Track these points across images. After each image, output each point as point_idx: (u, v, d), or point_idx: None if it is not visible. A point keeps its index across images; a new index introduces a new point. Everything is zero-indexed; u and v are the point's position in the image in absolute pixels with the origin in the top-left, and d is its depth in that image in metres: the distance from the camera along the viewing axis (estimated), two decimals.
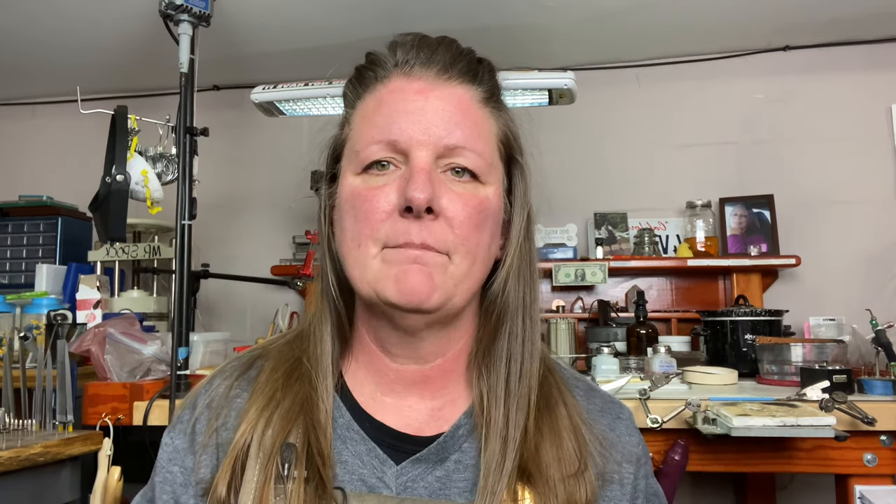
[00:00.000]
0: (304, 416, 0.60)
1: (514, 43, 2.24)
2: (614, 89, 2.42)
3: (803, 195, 2.26)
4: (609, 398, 0.70)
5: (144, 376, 1.55)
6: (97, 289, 1.90)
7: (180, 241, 1.50)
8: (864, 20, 2.14)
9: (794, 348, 1.55)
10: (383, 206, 0.58)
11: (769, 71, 2.34)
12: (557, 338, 1.91)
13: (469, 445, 0.62)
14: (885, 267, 2.18)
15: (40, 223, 2.28)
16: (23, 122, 2.83)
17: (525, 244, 0.65)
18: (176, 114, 1.57)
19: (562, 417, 0.63)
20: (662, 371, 1.55)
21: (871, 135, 2.25)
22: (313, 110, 1.98)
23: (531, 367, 0.63)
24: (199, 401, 0.66)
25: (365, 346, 0.65)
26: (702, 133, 2.35)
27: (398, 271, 0.57)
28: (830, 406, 1.20)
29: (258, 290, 2.50)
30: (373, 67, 0.64)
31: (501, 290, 0.63)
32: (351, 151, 0.62)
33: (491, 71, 0.65)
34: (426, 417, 0.64)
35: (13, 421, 1.39)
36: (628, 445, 0.66)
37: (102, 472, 1.35)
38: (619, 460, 0.64)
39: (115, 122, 1.56)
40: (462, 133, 0.59)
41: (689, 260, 2.13)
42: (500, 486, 0.57)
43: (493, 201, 0.61)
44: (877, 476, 1.26)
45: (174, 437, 0.65)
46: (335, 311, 0.65)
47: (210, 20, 1.63)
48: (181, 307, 1.47)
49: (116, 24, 2.11)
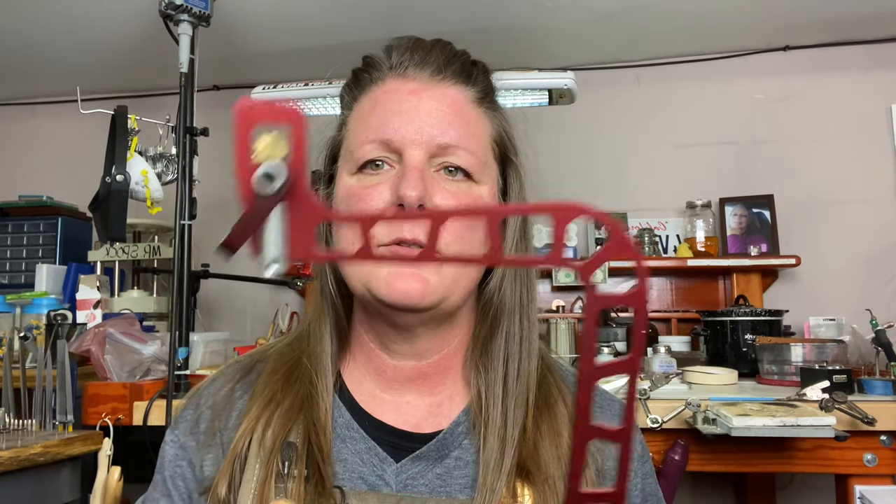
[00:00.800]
0: (305, 415, 0.61)
1: (514, 43, 2.24)
2: (614, 89, 2.42)
3: (803, 195, 2.26)
4: (608, 396, 0.70)
5: (144, 376, 1.55)
6: (97, 289, 1.90)
7: (180, 241, 1.50)
8: (864, 20, 2.14)
9: (794, 348, 1.55)
10: (377, 203, 0.58)
11: (769, 71, 2.34)
12: (557, 338, 1.91)
13: (469, 442, 0.62)
14: (885, 267, 2.18)
15: (40, 223, 2.28)
16: (23, 122, 2.83)
17: (521, 244, 0.65)
18: (176, 114, 1.57)
19: (561, 416, 0.63)
20: (662, 371, 1.55)
21: (871, 135, 2.25)
22: (313, 110, 1.98)
23: (529, 366, 0.63)
24: (202, 400, 0.67)
25: (363, 344, 0.65)
26: (702, 133, 2.35)
27: (390, 272, 0.57)
28: (830, 406, 1.20)
29: (258, 290, 2.50)
30: (368, 70, 0.65)
31: (497, 289, 0.64)
32: (346, 152, 0.63)
33: (485, 72, 0.66)
34: (424, 413, 0.64)
35: (13, 421, 1.39)
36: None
37: (102, 472, 1.35)
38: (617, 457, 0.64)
39: (115, 122, 1.56)
40: (455, 132, 0.60)
41: (689, 260, 2.13)
42: (499, 483, 0.57)
43: (487, 200, 0.61)
44: (877, 476, 1.26)
45: (179, 435, 0.65)
46: (334, 309, 0.65)
47: (210, 20, 1.63)
48: (181, 307, 1.47)
49: (116, 24, 2.11)
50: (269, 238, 0.31)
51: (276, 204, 0.31)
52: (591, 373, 0.34)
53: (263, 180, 0.30)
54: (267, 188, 0.30)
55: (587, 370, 0.34)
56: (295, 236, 0.31)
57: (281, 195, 0.31)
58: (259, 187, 0.30)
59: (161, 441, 0.67)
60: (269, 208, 0.31)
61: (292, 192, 0.31)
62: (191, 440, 0.64)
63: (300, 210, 0.31)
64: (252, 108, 0.30)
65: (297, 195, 0.31)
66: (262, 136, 0.30)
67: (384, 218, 0.46)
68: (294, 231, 0.31)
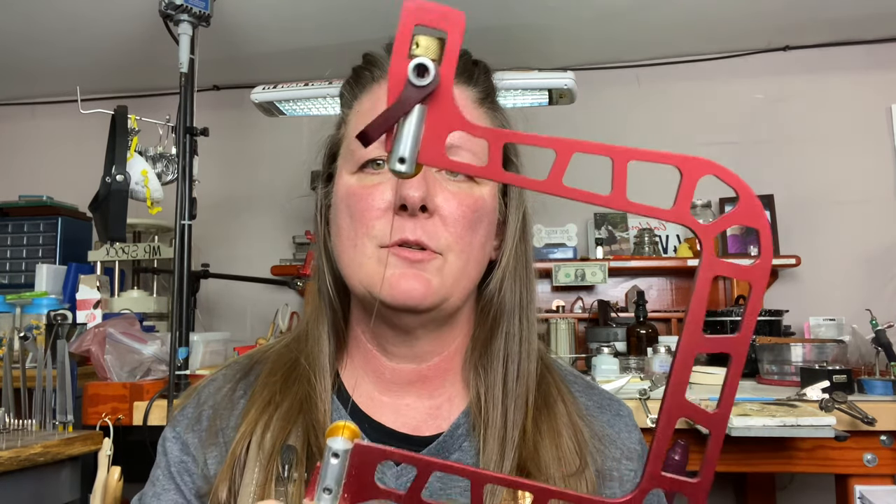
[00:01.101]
0: (304, 417, 0.60)
1: (515, 43, 2.24)
2: (614, 89, 2.42)
3: (803, 195, 2.26)
4: (608, 395, 0.70)
5: (144, 376, 1.55)
6: (97, 289, 1.90)
7: (180, 241, 1.50)
8: (864, 20, 2.14)
9: (794, 348, 1.55)
10: (378, 203, 0.58)
11: (769, 71, 2.34)
12: (557, 338, 1.91)
13: (469, 445, 0.62)
14: (885, 267, 2.18)
15: (40, 223, 2.28)
16: (23, 122, 2.83)
17: (521, 245, 0.65)
18: (176, 114, 1.57)
19: (560, 416, 0.63)
20: (662, 371, 1.55)
21: (871, 135, 2.25)
22: (313, 110, 1.98)
23: (528, 367, 0.63)
24: (201, 398, 0.66)
25: (361, 345, 0.65)
26: (702, 133, 2.35)
27: (393, 273, 0.57)
28: (830, 406, 1.20)
29: (258, 290, 2.50)
30: (369, 67, 0.64)
31: (497, 290, 0.64)
32: (346, 151, 0.63)
33: (486, 72, 0.66)
34: (424, 416, 0.64)
35: (13, 421, 1.39)
36: (628, 442, 0.66)
37: (102, 472, 1.35)
38: (617, 457, 0.64)
39: (115, 122, 1.56)
40: (456, 133, 0.59)
41: (689, 260, 2.13)
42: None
43: (488, 201, 0.61)
44: (877, 476, 1.25)
45: (181, 432, 0.65)
46: (331, 310, 0.65)
47: (210, 20, 1.63)
48: (181, 307, 1.47)
49: (116, 24, 2.11)
50: (404, 135, 0.32)
51: (420, 99, 0.31)
52: (695, 343, 0.33)
53: (416, 70, 0.31)
54: (418, 79, 0.31)
55: (691, 340, 0.33)
56: (428, 140, 0.32)
57: (427, 91, 0.31)
58: (411, 76, 0.31)
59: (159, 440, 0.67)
60: (413, 101, 0.31)
61: (436, 95, 0.31)
62: (193, 437, 0.64)
63: (439, 115, 0.32)
64: (421, 6, 0.31)
65: (439, 100, 0.32)
66: (422, 34, 0.31)
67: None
68: (428, 134, 0.32)
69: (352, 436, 0.33)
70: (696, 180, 0.31)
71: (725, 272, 0.32)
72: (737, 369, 0.34)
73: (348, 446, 0.33)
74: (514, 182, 0.33)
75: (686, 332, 0.33)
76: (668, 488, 0.35)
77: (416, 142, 0.32)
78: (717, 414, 0.35)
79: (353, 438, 0.33)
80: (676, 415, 0.35)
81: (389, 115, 0.31)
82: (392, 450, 0.34)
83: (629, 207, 0.33)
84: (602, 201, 0.33)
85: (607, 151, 0.33)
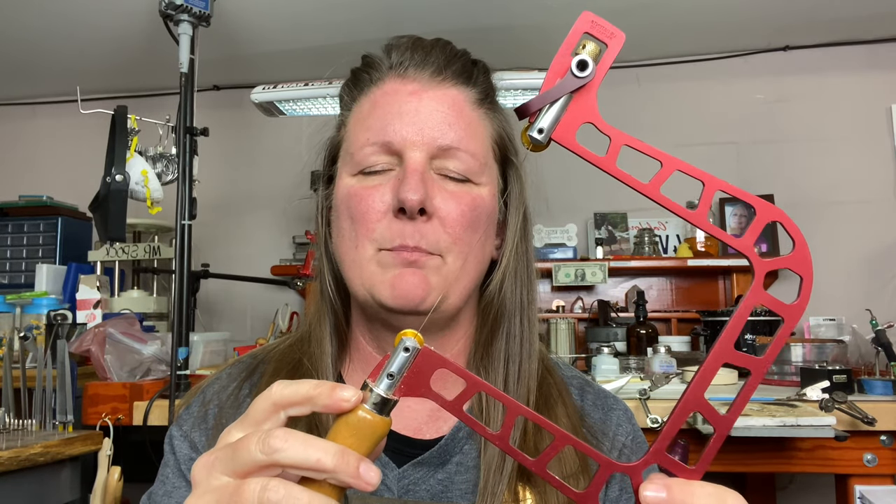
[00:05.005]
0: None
1: (515, 43, 2.24)
2: (614, 89, 2.42)
3: (803, 195, 2.26)
4: (603, 392, 0.70)
5: (144, 376, 1.55)
6: (97, 289, 1.90)
7: (180, 241, 1.50)
8: (864, 20, 2.14)
9: (794, 348, 1.55)
10: (378, 205, 0.58)
11: (769, 71, 2.34)
12: (557, 338, 1.91)
13: (470, 447, 0.62)
14: (885, 267, 2.18)
15: (40, 223, 2.28)
16: (23, 122, 2.83)
17: (521, 245, 0.65)
18: (176, 114, 1.57)
19: (560, 417, 0.63)
20: (662, 371, 1.55)
21: (871, 135, 2.25)
22: (313, 110, 1.98)
23: (529, 367, 0.63)
24: (206, 397, 0.66)
25: (361, 347, 0.65)
26: (702, 133, 2.35)
27: (393, 275, 0.57)
28: (830, 406, 1.20)
29: (258, 290, 2.50)
30: (368, 70, 0.64)
31: (498, 290, 0.63)
32: (346, 153, 0.63)
33: (486, 72, 0.66)
34: (425, 418, 0.64)
35: (13, 421, 1.39)
36: (619, 435, 0.66)
37: (102, 472, 1.35)
38: (608, 449, 0.64)
39: (115, 122, 1.56)
40: (455, 134, 0.60)
41: (689, 260, 2.13)
42: (500, 486, 0.57)
43: (487, 201, 0.61)
44: (877, 476, 1.26)
45: (188, 430, 0.64)
46: (333, 312, 0.65)
47: (210, 20, 1.63)
48: (181, 307, 1.47)
49: (116, 24, 2.11)
50: (549, 113, 0.39)
51: (571, 89, 0.38)
52: (726, 354, 0.40)
53: (579, 64, 0.38)
54: (578, 72, 0.38)
55: (723, 350, 0.40)
56: (565, 121, 0.39)
57: (582, 83, 0.38)
58: (574, 68, 0.38)
59: (162, 440, 0.67)
60: (569, 88, 0.38)
61: (584, 90, 0.39)
62: (200, 435, 0.63)
63: (580, 106, 0.39)
64: (596, 19, 0.39)
65: (583, 95, 0.39)
66: (590, 41, 0.39)
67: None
68: (567, 117, 0.39)
69: (421, 343, 0.39)
70: (765, 222, 0.40)
71: (767, 303, 0.40)
72: (753, 384, 0.40)
73: (418, 346, 0.39)
74: (623, 179, 0.42)
75: (720, 343, 0.40)
76: (666, 466, 0.41)
77: (555, 121, 0.39)
78: (726, 417, 0.41)
79: (421, 345, 0.39)
80: (693, 407, 0.42)
81: (544, 98, 0.38)
82: (454, 364, 0.40)
83: (710, 230, 0.43)
84: (686, 215, 0.42)
85: (700, 176, 0.42)
